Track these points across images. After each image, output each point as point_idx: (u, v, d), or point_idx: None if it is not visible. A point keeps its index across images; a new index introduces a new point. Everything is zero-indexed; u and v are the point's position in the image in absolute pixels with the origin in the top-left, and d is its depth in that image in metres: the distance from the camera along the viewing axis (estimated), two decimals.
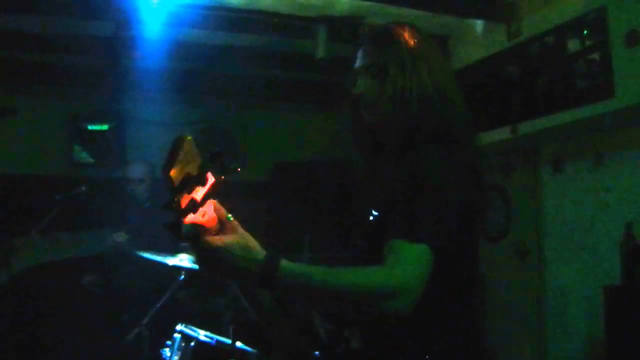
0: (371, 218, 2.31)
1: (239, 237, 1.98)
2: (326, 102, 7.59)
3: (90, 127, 7.14)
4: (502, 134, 5.42)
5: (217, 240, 1.93)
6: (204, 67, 6.92)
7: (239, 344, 4.20)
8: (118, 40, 6.00)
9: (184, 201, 1.80)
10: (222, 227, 1.99)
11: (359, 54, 2.55)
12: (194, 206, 1.81)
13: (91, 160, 7.14)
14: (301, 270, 2.00)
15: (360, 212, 2.40)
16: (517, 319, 5.74)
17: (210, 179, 1.86)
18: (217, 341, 4.26)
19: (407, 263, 2.04)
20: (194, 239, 1.89)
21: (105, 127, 7.14)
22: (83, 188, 5.49)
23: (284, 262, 1.96)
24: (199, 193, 1.84)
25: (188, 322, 4.47)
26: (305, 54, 6.11)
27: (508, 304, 5.83)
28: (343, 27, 5.73)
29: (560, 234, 5.44)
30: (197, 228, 1.88)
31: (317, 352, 2.57)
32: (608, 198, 5.04)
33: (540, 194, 5.60)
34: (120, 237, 5.75)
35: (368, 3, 5.41)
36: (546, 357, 5.54)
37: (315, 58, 5.74)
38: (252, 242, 1.99)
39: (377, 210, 2.29)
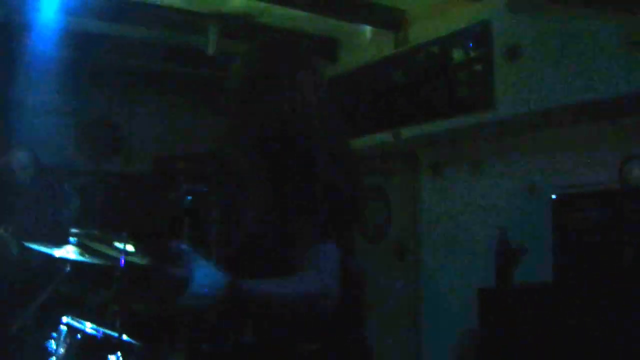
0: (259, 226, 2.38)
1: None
2: (215, 97, 7.51)
3: None
4: (384, 137, 5.57)
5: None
6: (92, 57, 6.83)
7: (125, 337, 4.20)
8: (9, 25, 5.88)
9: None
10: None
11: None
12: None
13: None
14: (255, 288, 2.09)
15: (247, 216, 2.46)
16: (395, 318, 5.89)
17: None
18: (104, 334, 4.23)
19: (327, 265, 2.15)
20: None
21: None
22: None
23: (243, 284, 2.06)
24: None
25: (74, 314, 4.42)
26: (194, 48, 6.13)
27: (387, 302, 5.97)
28: (235, 25, 5.79)
29: (437, 236, 5.63)
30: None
31: (204, 345, 2.61)
32: (484, 203, 5.24)
33: (420, 197, 5.77)
34: (4, 230, 5.61)
35: (260, 3, 5.48)
36: (422, 353, 5.71)
37: (206, 54, 5.78)
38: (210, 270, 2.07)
39: (265, 217, 2.37)
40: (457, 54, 5.22)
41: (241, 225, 2.51)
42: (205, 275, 2.04)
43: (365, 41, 6.00)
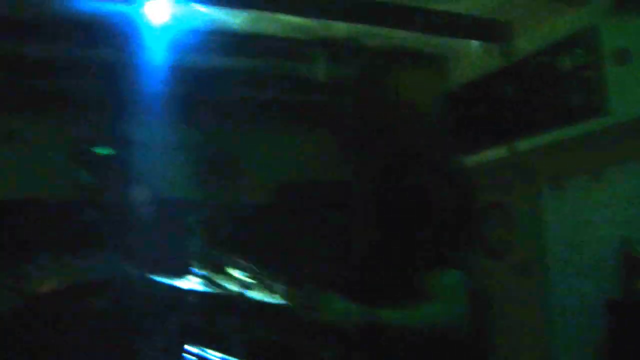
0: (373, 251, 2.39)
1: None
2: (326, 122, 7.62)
3: (95, 151, 7.22)
4: (499, 152, 5.51)
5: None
6: (205, 91, 7.00)
7: None
8: (121, 66, 6.10)
9: None
10: None
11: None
12: None
13: (97, 183, 7.21)
14: (390, 319, 2.17)
15: (357, 238, 2.48)
16: (522, 335, 5.78)
17: None
18: None
19: (453, 292, 2.17)
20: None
21: (110, 150, 7.23)
22: (89, 212, 5.55)
23: (379, 315, 2.10)
24: None
25: (198, 343, 4.52)
26: (305, 76, 6.20)
27: (513, 320, 5.87)
28: (341, 50, 5.83)
29: (561, 249, 5.50)
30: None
31: None
32: (608, 212, 5.10)
33: (541, 210, 5.66)
34: (131, 268, 5.81)
35: (366, 26, 5.51)
36: None
37: (316, 80, 5.83)
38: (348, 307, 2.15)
39: (381, 242, 2.37)
40: (566, 62, 5.12)
41: (358, 253, 2.53)
42: (336, 308, 2.10)
43: (473, 56, 5.95)
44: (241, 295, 4.31)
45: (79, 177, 7.21)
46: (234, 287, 4.49)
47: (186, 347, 4.53)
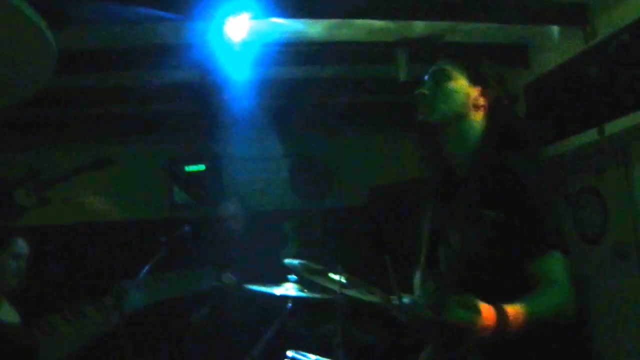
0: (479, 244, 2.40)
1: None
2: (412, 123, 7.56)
3: (187, 169, 7.39)
4: (589, 136, 5.42)
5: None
6: (290, 101, 7.09)
7: None
8: (205, 85, 6.24)
9: None
10: None
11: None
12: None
13: (191, 200, 7.37)
14: (520, 310, 2.22)
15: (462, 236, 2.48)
16: (621, 320, 5.67)
17: None
18: None
19: (562, 275, 2.19)
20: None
21: (202, 167, 7.39)
22: (186, 228, 5.67)
23: (508, 310, 2.15)
24: None
25: (298, 348, 4.58)
26: (387, 77, 6.22)
27: (610, 305, 5.78)
28: (422, 48, 5.83)
29: None
30: None
31: None
32: None
33: (635, 192, 5.55)
34: (228, 278, 5.94)
35: (444, 22, 5.51)
36: None
37: (398, 81, 5.84)
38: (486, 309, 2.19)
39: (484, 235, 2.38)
40: None
41: (455, 246, 2.54)
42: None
43: (555, 41, 5.88)
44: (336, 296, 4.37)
45: (173, 195, 7.40)
46: (330, 289, 4.55)
47: (287, 353, 4.59)
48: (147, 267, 5.52)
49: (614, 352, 5.70)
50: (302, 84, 6.69)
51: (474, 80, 2.68)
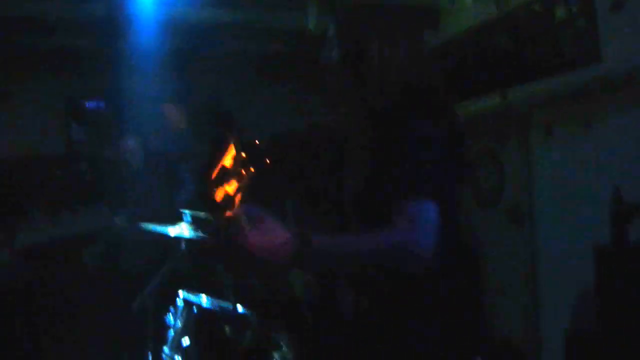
0: (362, 186, 2.39)
1: (272, 228, 2.10)
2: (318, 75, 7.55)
3: (87, 106, 7.22)
4: (492, 100, 5.51)
5: (251, 233, 2.08)
6: (195, 45, 6.97)
7: (239, 308, 4.30)
8: (111, 21, 6.07)
9: (219, 194, 1.90)
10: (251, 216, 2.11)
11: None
12: (228, 199, 1.92)
13: (89, 138, 7.21)
14: (329, 243, 2.14)
15: (351, 179, 2.47)
16: (511, 281, 5.82)
17: (244, 171, 1.96)
18: (219, 306, 4.36)
19: (421, 221, 2.16)
20: (229, 234, 2.01)
21: (101, 105, 7.23)
22: (82, 165, 5.57)
23: (315, 241, 2.09)
24: (232, 186, 1.94)
25: (190, 289, 4.56)
26: (296, 28, 6.17)
27: (502, 267, 5.92)
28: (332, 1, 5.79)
29: (552, 197, 5.52)
30: (233, 222, 2.00)
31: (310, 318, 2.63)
32: (598, 161, 5.09)
33: (532, 159, 5.66)
34: (121, 220, 5.85)
35: None
36: (539, 319, 5.63)
37: (308, 31, 5.79)
38: (283, 231, 2.11)
39: (368, 178, 2.38)
40: (560, 10, 5.09)
41: (346, 186, 2.53)
42: (270, 228, 2.09)
43: (466, 6, 5.93)
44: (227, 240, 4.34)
45: (71, 132, 7.22)
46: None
47: (179, 292, 4.57)
48: (41, 204, 5.41)
49: (501, 311, 5.85)
50: (211, 29, 6.58)
51: None
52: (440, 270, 2.30)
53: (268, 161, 2.12)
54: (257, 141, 2.04)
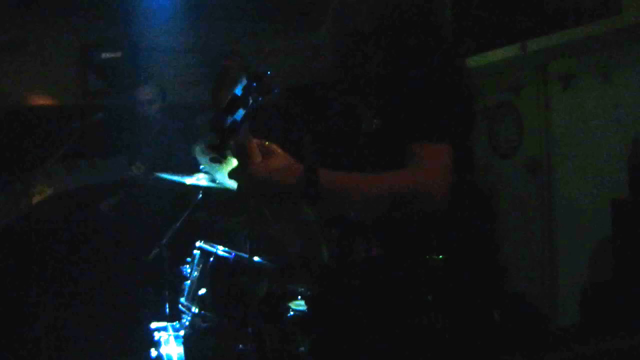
0: (373, 125, 2.37)
1: (279, 158, 2.08)
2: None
3: (103, 56, 7.18)
4: (511, 51, 5.45)
5: (260, 162, 2.04)
6: None
7: (255, 258, 4.32)
8: None
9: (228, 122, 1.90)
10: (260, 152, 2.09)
11: None
12: (235, 125, 1.90)
13: (106, 87, 7.18)
14: (340, 179, 2.12)
15: (359, 119, 2.45)
16: (527, 232, 5.83)
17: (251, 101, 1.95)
18: (235, 255, 4.37)
19: (435, 164, 2.14)
20: (240, 156, 2.00)
21: (118, 54, 7.18)
22: (99, 115, 5.56)
23: (324, 173, 2.07)
24: (239, 114, 1.93)
25: (206, 239, 4.58)
26: None
27: (518, 218, 5.92)
28: None
29: (569, 149, 5.49)
30: (242, 147, 1.98)
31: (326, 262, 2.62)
32: (616, 113, 5.06)
33: (550, 110, 5.63)
34: (138, 168, 5.86)
35: None
36: (556, 268, 5.63)
37: None
38: (291, 161, 2.10)
39: (379, 117, 2.35)
40: None
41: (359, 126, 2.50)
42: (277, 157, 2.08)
43: None
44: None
45: (87, 81, 7.20)
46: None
47: (196, 243, 4.59)
48: (57, 155, 5.41)
49: (518, 260, 5.87)
50: None
51: None
52: (455, 219, 2.30)
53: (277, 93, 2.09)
54: (268, 72, 2.01)
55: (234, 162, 2.12)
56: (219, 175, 4.50)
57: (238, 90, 1.94)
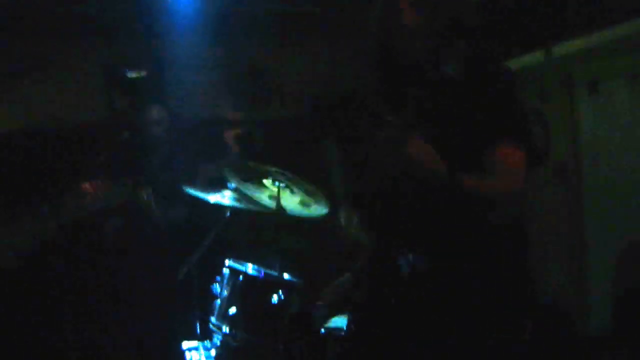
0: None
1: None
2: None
3: (129, 74, 7.18)
4: (536, 57, 5.42)
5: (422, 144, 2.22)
6: (232, 8, 6.90)
7: (286, 275, 4.31)
8: None
9: None
10: None
11: None
12: None
13: (131, 106, 7.17)
14: (466, 180, 2.25)
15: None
16: (558, 242, 5.78)
17: None
18: (265, 273, 4.36)
19: (515, 168, 2.20)
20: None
21: (142, 73, 7.18)
22: (124, 135, 5.56)
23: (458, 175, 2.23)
24: None
25: (236, 257, 4.56)
26: None
27: (548, 227, 5.85)
28: None
29: (598, 154, 5.44)
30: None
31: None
32: None
33: (577, 115, 5.58)
34: (144, 196, 5.78)
35: None
36: (587, 280, 5.58)
37: None
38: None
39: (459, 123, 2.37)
40: None
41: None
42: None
43: None
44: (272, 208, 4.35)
45: (112, 101, 7.21)
46: (264, 199, 4.53)
47: (226, 261, 4.57)
48: (87, 175, 5.40)
49: (548, 275, 5.84)
50: None
51: None
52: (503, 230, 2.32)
53: None
54: None
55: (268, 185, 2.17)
56: (250, 193, 4.51)
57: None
